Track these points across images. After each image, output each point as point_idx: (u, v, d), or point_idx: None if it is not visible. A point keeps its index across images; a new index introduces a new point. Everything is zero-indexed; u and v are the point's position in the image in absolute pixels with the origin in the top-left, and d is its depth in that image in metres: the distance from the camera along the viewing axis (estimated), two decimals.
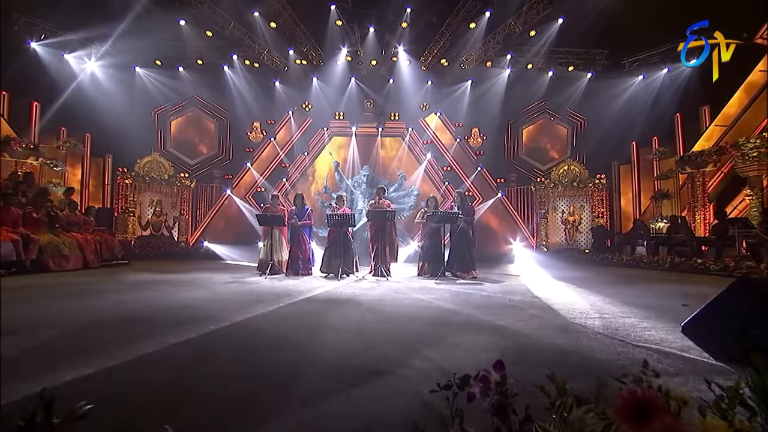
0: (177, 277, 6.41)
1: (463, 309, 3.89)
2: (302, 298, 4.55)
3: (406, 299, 4.48)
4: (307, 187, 14.38)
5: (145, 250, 11.77)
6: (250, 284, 5.71)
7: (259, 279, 6.33)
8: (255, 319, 3.36)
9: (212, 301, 4.29)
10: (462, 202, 7.41)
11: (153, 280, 6.10)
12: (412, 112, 14.32)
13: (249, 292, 4.97)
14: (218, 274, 7.13)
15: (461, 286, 5.78)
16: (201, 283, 5.75)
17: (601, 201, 12.92)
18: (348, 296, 4.70)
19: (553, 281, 6.46)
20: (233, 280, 6.20)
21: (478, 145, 14.62)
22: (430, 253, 7.37)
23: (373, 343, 2.62)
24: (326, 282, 6.21)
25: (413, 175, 14.37)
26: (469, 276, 6.97)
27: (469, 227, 7.34)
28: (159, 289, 5.07)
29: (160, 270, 7.56)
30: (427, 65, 13.60)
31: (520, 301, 4.47)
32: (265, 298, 4.46)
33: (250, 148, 14.45)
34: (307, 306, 4.09)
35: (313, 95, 14.21)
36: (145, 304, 4.02)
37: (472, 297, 4.72)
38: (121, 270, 7.61)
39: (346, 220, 6.88)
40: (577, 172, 13.24)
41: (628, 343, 2.69)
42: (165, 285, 5.46)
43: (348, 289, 5.39)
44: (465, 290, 5.36)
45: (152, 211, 13.00)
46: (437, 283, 6.15)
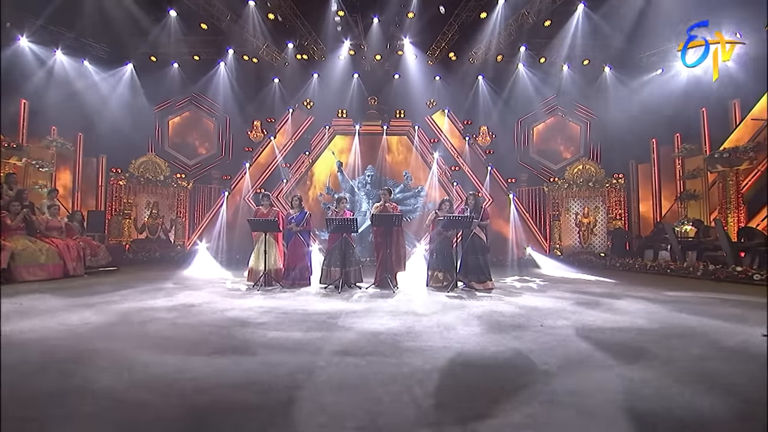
0: (135, 293, 5.58)
1: (521, 360, 2.61)
2: (266, 339, 3.12)
3: (423, 332, 3.29)
4: (305, 192, 13.70)
5: (138, 255, 11.16)
6: (212, 310, 4.22)
7: (232, 301, 4.91)
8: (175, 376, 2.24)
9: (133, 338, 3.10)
10: (475, 205, 6.64)
11: (98, 300, 5.37)
12: (419, 110, 13.63)
13: (203, 324, 3.58)
14: (191, 291, 6.43)
15: (484, 303, 5.01)
16: (151, 306, 4.39)
17: (619, 202, 12.11)
18: (337, 341, 3.05)
19: (603, 299, 5.61)
20: (204, 301, 4.81)
21: (487, 144, 13.88)
22: (441, 261, 6.63)
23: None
24: (320, 299, 5.45)
25: (427, 180, 13.61)
26: (484, 288, 6.22)
27: (482, 232, 6.59)
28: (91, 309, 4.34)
29: (137, 279, 6.84)
30: (434, 60, 12.86)
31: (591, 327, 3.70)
32: (218, 335, 3.20)
33: (250, 148, 13.78)
34: (264, 367, 2.45)
35: (315, 92, 13.56)
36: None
37: (510, 321, 3.80)
38: (99, 279, 6.91)
39: (347, 225, 6.13)
40: (593, 172, 12.45)
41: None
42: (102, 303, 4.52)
43: (343, 313, 4.10)
44: (493, 310, 4.58)
45: (148, 213, 12.41)
46: (450, 297, 5.39)
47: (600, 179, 12.21)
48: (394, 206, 6.80)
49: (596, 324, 3.72)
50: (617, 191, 12.11)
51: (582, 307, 4.65)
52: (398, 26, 11.80)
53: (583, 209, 12.64)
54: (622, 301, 5.18)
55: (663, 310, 4.52)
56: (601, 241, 12.48)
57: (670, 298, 5.35)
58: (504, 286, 6.78)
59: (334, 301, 5.07)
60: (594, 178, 12.28)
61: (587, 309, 4.56)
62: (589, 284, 7.01)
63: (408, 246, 12.57)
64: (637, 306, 4.77)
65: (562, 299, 5.30)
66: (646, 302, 5.04)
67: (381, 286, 6.29)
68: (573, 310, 4.51)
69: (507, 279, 7.84)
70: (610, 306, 4.78)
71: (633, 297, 5.49)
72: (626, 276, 8.41)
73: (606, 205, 12.38)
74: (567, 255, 12.39)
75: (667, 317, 4.10)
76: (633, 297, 5.49)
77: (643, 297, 5.45)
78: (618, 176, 12.00)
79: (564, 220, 13.00)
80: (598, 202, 12.54)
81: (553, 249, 12.91)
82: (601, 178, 12.21)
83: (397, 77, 13.36)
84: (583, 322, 3.83)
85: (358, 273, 6.56)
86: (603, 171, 12.24)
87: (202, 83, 12.74)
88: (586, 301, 5.14)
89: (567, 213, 12.95)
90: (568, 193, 12.79)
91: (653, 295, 5.60)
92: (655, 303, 4.97)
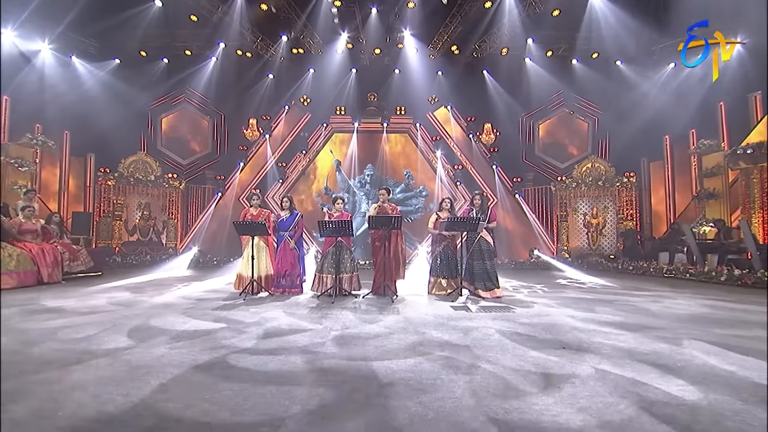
0: (104, 304, 5.14)
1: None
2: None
3: (424, 377, 2.36)
4: (307, 187, 13.21)
5: (127, 258, 10.67)
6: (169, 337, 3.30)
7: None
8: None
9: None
10: (482, 205, 6.09)
11: (57, 308, 4.82)
12: (420, 106, 13.20)
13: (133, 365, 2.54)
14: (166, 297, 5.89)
15: (495, 316, 4.45)
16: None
17: (630, 202, 11.53)
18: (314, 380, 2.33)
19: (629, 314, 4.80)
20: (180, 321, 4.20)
21: (491, 142, 13.35)
22: (444, 266, 6.13)
23: None
24: (300, 311, 4.90)
25: (429, 179, 13.08)
26: (492, 296, 5.69)
27: (489, 235, 6.04)
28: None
29: (106, 288, 6.31)
30: (436, 53, 12.31)
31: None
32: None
33: (245, 146, 13.27)
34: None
35: (311, 88, 13.07)
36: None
37: (544, 359, 2.84)
38: (74, 287, 6.38)
39: (342, 228, 5.58)
40: (603, 170, 11.89)
41: None
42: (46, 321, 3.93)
43: (330, 338, 3.31)
44: (513, 331, 4.03)
45: (140, 214, 11.92)
46: (456, 308, 4.83)
47: (610, 178, 11.66)
48: (393, 207, 6.26)
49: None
50: (628, 190, 11.55)
51: (624, 333, 3.64)
52: (398, 17, 11.23)
53: (592, 209, 12.13)
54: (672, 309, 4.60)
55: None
56: (610, 242, 11.95)
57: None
58: (512, 293, 6.22)
59: (315, 315, 4.51)
60: (604, 177, 11.73)
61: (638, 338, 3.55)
62: (608, 291, 6.44)
63: (409, 248, 12.17)
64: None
65: (589, 312, 4.72)
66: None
67: (379, 294, 5.78)
68: (611, 333, 3.94)
69: (513, 282, 7.29)
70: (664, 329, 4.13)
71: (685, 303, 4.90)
72: (644, 280, 7.83)
73: (616, 205, 11.85)
74: (575, 257, 11.90)
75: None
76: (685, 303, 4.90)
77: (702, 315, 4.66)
78: (629, 175, 11.44)
79: (572, 221, 12.48)
80: (608, 201, 12.01)
81: (561, 251, 12.38)
82: (612, 176, 11.66)
83: (397, 72, 12.89)
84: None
85: (354, 280, 6.02)
86: (613, 169, 11.67)
87: (195, 79, 12.25)
88: (618, 322, 4.53)
89: (575, 213, 12.46)
90: (576, 193, 12.28)
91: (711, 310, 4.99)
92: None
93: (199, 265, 11.46)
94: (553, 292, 6.44)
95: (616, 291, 6.46)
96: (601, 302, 5.36)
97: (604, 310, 4.72)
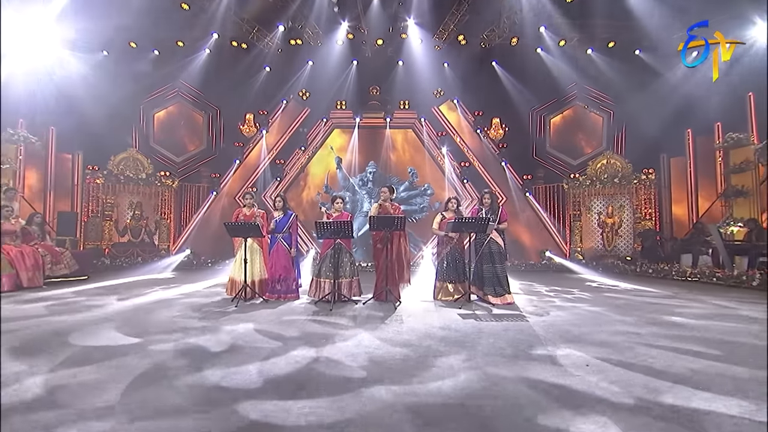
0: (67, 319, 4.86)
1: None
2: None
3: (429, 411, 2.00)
4: (297, 194, 12.95)
5: (117, 260, 10.46)
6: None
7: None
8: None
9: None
10: (492, 204, 5.80)
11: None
12: (425, 100, 12.92)
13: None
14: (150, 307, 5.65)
15: (507, 326, 4.15)
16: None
17: (649, 200, 11.17)
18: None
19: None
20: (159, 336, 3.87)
21: (500, 137, 13.04)
22: (451, 270, 5.87)
23: None
24: (293, 320, 4.63)
25: (435, 177, 12.80)
26: (503, 302, 5.42)
27: (500, 236, 5.76)
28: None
29: (81, 295, 6.04)
30: (442, 44, 12.00)
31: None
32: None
33: (241, 143, 13.03)
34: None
35: (311, 81, 12.82)
36: None
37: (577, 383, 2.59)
38: (56, 291, 6.15)
39: (341, 229, 5.30)
40: (619, 167, 11.53)
41: None
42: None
43: (304, 347, 3.12)
44: (524, 340, 3.73)
45: (131, 214, 11.70)
46: (464, 316, 4.54)
47: (627, 175, 11.31)
48: (396, 207, 5.98)
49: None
50: (647, 188, 11.19)
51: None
52: (401, 5, 10.92)
53: (607, 208, 11.80)
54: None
55: None
56: (626, 243, 11.61)
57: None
58: (524, 297, 5.92)
59: (310, 324, 4.23)
60: (620, 174, 11.36)
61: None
62: (636, 294, 6.12)
63: (413, 249, 11.90)
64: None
65: (620, 323, 4.41)
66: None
67: (381, 300, 5.52)
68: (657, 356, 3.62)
69: (535, 286, 6.99)
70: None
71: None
72: (669, 284, 7.49)
73: (632, 204, 11.49)
74: (589, 259, 11.58)
75: None
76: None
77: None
78: (648, 171, 11.07)
79: (585, 221, 12.15)
80: (624, 200, 11.67)
81: (574, 252, 12.04)
82: (629, 173, 11.31)
83: (400, 64, 12.60)
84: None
85: (354, 285, 5.74)
86: (630, 166, 11.32)
87: (187, 72, 11.98)
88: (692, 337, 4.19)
89: (588, 213, 12.14)
90: (590, 191, 11.93)
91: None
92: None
93: (193, 267, 11.29)
94: (583, 294, 6.13)
95: (646, 294, 6.14)
96: (631, 307, 5.04)
97: (654, 320, 4.40)
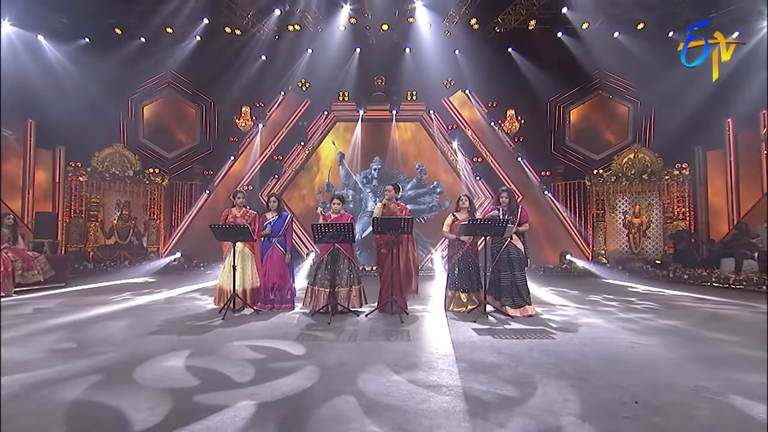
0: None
1: None
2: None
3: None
4: (310, 180, 12.65)
5: (101, 264, 10.22)
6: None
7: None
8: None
9: None
10: (510, 204, 5.39)
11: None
12: (434, 90, 12.71)
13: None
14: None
15: (531, 345, 3.73)
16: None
17: (682, 198, 10.67)
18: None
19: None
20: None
21: (515, 131, 12.65)
22: (464, 278, 5.47)
23: None
24: (278, 338, 4.24)
25: (451, 175, 12.50)
26: (523, 314, 5.03)
27: (520, 240, 5.34)
28: None
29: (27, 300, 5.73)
30: (452, 28, 11.62)
31: None
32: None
33: (236, 138, 12.75)
34: None
35: (311, 71, 12.58)
36: None
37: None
38: (24, 301, 5.84)
39: (340, 233, 4.90)
40: (648, 162, 11.07)
41: None
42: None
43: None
44: (552, 365, 3.31)
45: (118, 214, 11.48)
46: (479, 331, 4.13)
47: (657, 170, 10.84)
48: (402, 207, 5.58)
49: None
50: (680, 185, 10.70)
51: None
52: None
53: (634, 207, 11.42)
54: None
55: None
56: (655, 245, 11.16)
57: None
58: (546, 308, 5.48)
59: (301, 343, 3.84)
60: (650, 169, 10.89)
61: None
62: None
63: (421, 252, 11.53)
64: None
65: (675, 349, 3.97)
66: None
67: (386, 312, 5.14)
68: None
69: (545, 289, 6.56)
70: None
71: None
72: (713, 291, 7.01)
73: (662, 202, 11.01)
74: (614, 262, 11.19)
75: None
76: None
77: None
78: (681, 166, 10.57)
79: (609, 221, 11.75)
80: (652, 198, 11.20)
81: (597, 255, 11.62)
82: (659, 168, 10.85)
83: (407, 51, 12.32)
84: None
85: (355, 294, 5.32)
86: (661, 160, 10.84)
87: (178, 61, 11.70)
88: None
89: (613, 212, 11.77)
90: (615, 188, 11.53)
91: None
92: None
93: (184, 271, 11.06)
94: (620, 304, 5.68)
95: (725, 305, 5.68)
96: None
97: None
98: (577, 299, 6.58)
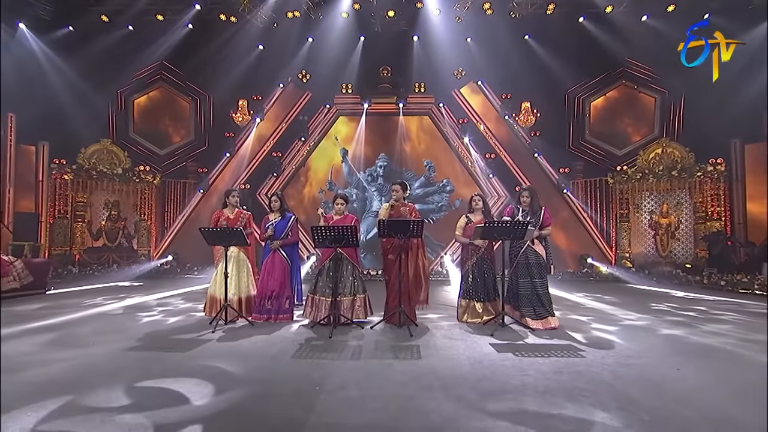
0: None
1: None
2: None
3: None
4: (298, 191, 12.46)
5: (87, 268, 10.09)
6: None
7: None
8: None
9: None
10: (532, 205, 5.11)
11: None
12: (444, 82, 12.45)
13: None
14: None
15: (558, 365, 3.42)
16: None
17: (716, 196, 10.30)
18: None
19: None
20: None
21: (530, 125, 12.38)
22: (479, 286, 5.20)
23: None
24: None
25: (462, 172, 12.33)
26: (545, 326, 4.76)
27: (541, 244, 5.06)
28: None
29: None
30: (464, 14, 11.34)
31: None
32: None
33: (232, 133, 12.57)
34: None
35: (311, 61, 12.36)
36: None
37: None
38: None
39: (343, 236, 4.61)
40: (678, 157, 10.73)
41: None
42: None
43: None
44: (587, 389, 3.00)
45: (106, 215, 11.36)
46: (498, 347, 3.83)
47: (688, 166, 10.48)
48: (411, 208, 5.30)
49: None
50: (714, 182, 10.32)
51: None
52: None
53: (661, 206, 11.10)
54: None
55: None
56: (685, 248, 10.82)
57: None
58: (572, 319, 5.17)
59: (296, 362, 3.56)
60: (680, 165, 10.53)
61: None
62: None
63: (430, 255, 11.26)
64: None
65: None
66: None
67: (393, 323, 4.88)
68: None
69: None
70: None
71: None
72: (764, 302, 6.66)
73: (693, 201, 10.65)
74: (639, 266, 10.90)
75: None
76: None
77: None
78: (716, 161, 10.19)
79: (634, 221, 11.46)
80: (682, 196, 10.85)
81: (621, 258, 11.29)
82: (690, 164, 10.48)
83: (415, 40, 12.07)
84: None
85: (359, 305, 5.05)
86: (692, 155, 10.48)
87: (169, 52, 11.53)
88: None
89: (638, 212, 11.48)
90: (640, 186, 11.23)
91: None
92: None
93: (177, 274, 10.94)
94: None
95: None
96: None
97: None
98: (603, 307, 6.28)
